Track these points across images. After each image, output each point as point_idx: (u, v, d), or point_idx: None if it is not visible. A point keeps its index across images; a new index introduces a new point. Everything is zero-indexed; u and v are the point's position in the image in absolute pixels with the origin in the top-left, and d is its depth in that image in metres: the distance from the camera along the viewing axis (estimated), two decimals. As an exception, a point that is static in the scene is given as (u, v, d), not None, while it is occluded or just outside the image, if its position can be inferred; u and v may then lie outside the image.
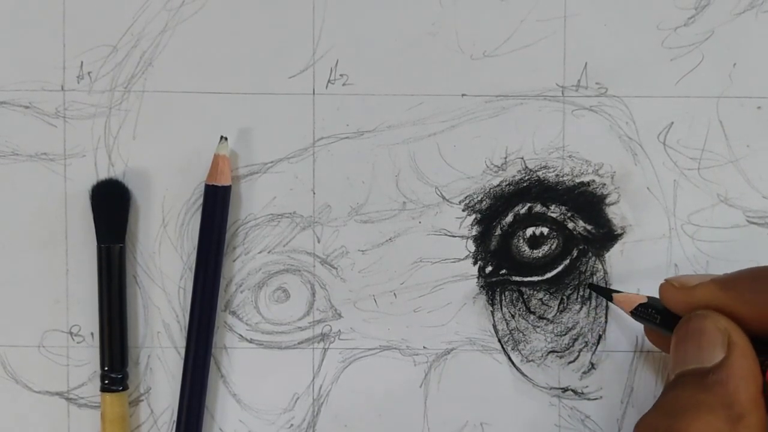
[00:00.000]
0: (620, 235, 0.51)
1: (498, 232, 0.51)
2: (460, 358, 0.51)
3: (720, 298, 0.43)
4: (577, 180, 0.51)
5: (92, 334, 0.51)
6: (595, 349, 0.51)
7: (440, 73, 0.51)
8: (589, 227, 0.51)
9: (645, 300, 0.47)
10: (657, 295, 0.46)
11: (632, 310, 0.47)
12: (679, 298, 0.44)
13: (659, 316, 0.46)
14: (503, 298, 0.51)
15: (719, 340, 0.42)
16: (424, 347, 0.51)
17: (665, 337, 0.46)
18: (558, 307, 0.51)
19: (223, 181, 0.49)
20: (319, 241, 0.51)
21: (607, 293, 0.49)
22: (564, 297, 0.51)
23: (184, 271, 0.51)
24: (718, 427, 0.40)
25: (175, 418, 0.51)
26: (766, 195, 0.50)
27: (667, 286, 0.45)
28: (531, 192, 0.51)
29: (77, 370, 0.51)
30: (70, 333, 0.51)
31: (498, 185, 0.51)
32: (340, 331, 0.51)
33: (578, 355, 0.51)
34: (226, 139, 0.50)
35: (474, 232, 0.51)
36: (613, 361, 0.51)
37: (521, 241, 0.51)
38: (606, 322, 0.51)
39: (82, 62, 0.50)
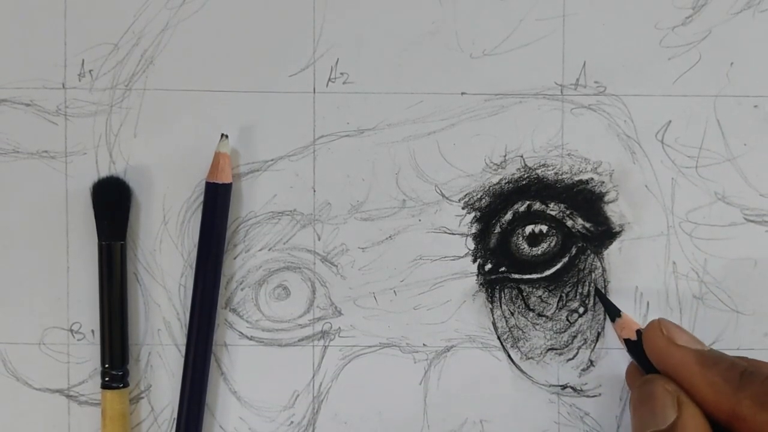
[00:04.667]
0: (619, 232, 0.51)
1: (497, 229, 0.51)
2: (459, 355, 0.51)
3: (692, 371, 0.44)
4: (576, 178, 0.51)
5: (93, 331, 0.51)
6: (594, 346, 0.51)
7: (440, 71, 0.51)
8: (587, 225, 0.51)
9: (635, 337, 0.48)
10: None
11: (626, 339, 0.49)
12: (659, 348, 0.46)
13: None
14: (502, 295, 0.51)
15: (669, 401, 0.44)
16: (423, 345, 0.51)
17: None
18: (557, 305, 0.51)
19: (224, 178, 0.50)
20: (319, 239, 0.51)
21: (612, 310, 0.50)
22: (563, 294, 0.51)
23: (184, 268, 0.51)
24: None
25: (175, 415, 0.51)
26: (764, 193, 0.51)
27: (655, 328, 0.46)
28: (530, 190, 0.51)
29: (78, 367, 0.51)
30: (71, 330, 0.51)
31: (497, 183, 0.51)
32: (340, 328, 0.51)
33: (577, 353, 0.51)
34: (226, 136, 0.50)
35: (473, 230, 0.51)
36: (611, 359, 0.51)
37: (520, 238, 0.51)
38: (605, 319, 0.51)
39: (83, 60, 0.51)
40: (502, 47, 0.51)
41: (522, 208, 0.51)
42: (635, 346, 0.48)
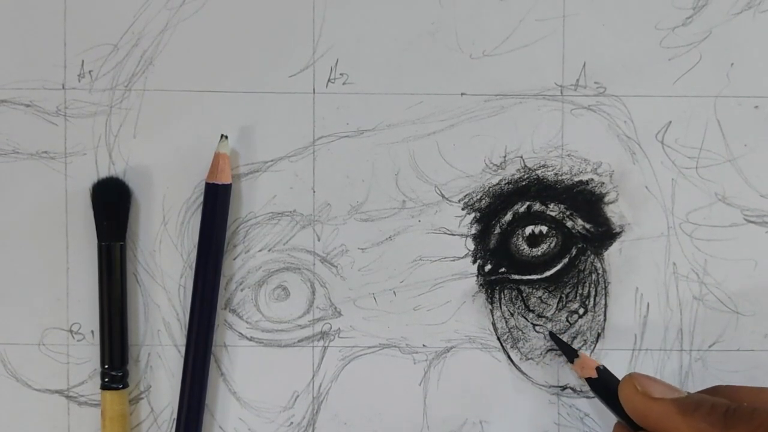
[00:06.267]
0: (619, 233, 0.51)
1: (497, 230, 0.51)
2: (459, 356, 0.51)
3: (675, 421, 0.44)
4: (576, 179, 0.51)
5: (92, 331, 0.51)
6: (594, 347, 0.51)
7: (440, 72, 0.51)
8: (587, 226, 0.51)
9: (595, 375, 0.48)
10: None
11: (587, 378, 0.48)
12: (636, 405, 0.45)
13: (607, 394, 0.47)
14: (502, 296, 0.51)
15: None
16: (423, 345, 0.51)
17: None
18: (557, 306, 0.51)
19: (224, 179, 0.50)
20: (319, 240, 0.51)
21: (570, 352, 0.50)
22: (563, 295, 0.51)
23: (184, 269, 0.51)
24: None
25: (175, 416, 0.51)
26: (764, 193, 0.51)
27: (629, 385, 0.46)
28: (530, 190, 0.51)
29: (77, 367, 0.51)
30: (71, 331, 0.51)
31: (497, 184, 0.51)
32: (339, 329, 0.51)
33: (577, 353, 0.51)
34: (226, 137, 0.50)
35: (473, 231, 0.51)
36: (611, 359, 0.51)
37: (520, 239, 0.51)
38: (605, 320, 0.51)
39: (83, 61, 0.51)
40: (502, 48, 0.51)
41: (522, 209, 0.51)
42: (597, 385, 0.48)
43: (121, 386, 0.50)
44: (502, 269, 0.51)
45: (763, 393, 0.46)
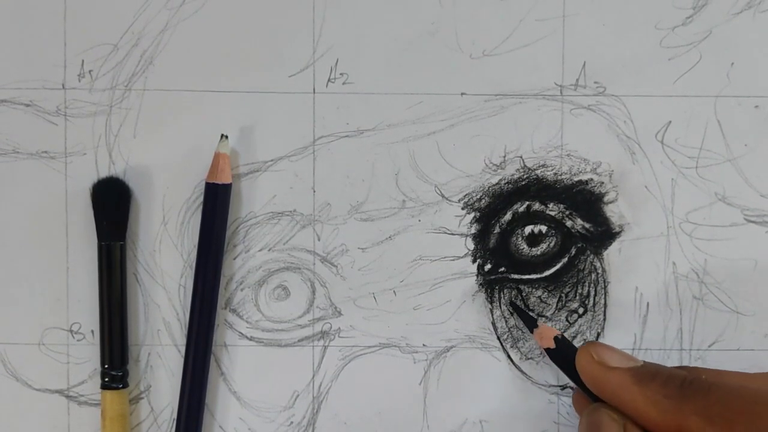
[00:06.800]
0: (618, 233, 0.51)
1: (497, 230, 0.51)
2: (459, 355, 0.51)
3: (631, 391, 0.43)
4: (576, 178, 0.51)
5: (92, 331, 0.51)
6: (594, 346, 0.51)
7: (440, 72, 0.51)
8: (587, 225, 0.51)
9: (553, 346, 0.48)
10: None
11: (546, 348, 0.48)
12: (593, 374, 0.45)
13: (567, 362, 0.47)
14: (502, 295, 0.51)
15: (615, 430, 0.43)
16: (423, 345, 0.51)
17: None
18: (556, 305, 0.51)
19: (224, 179, 0.50)
20: (319, 239, 0.51)
21: (530, 321, 0.50)
22: (562, 295, 0.51)
23: (184, 268, 0.51)
24: None
25: (175, 415, 0.51)
26: (764, 193, 0.51)
27: (586, 354, 0.45)
28: (530, 190, 0.51)
29: (77, 367, 0.51)
30: (71, 330, 0.51)
31: (497, 183, 0.51)
32: (339, 328, 0.51)
33: (577, 353, 0.51)
34: (226, 137, 0.50)
35: (473, 230, 0.51)
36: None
37: (520, 239, 0.51)
38: (604, 320, 0.51)
39: (83, 60, 0.51)
40: (502, 47, 0.51)
41: (521, 209, 0.51)
42: (556, 354, 0.48)
43: (121, 386, 0.50)
44: (502, 269, 0.51)
45: (725, 375, 0.45)
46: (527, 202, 0.51)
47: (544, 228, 0.51)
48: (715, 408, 0.41)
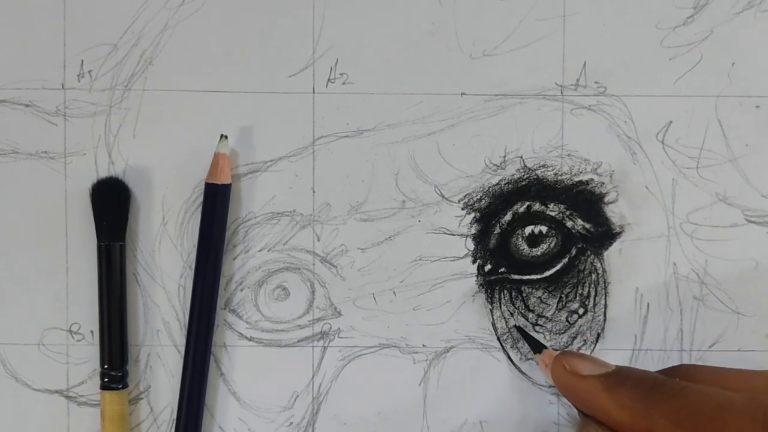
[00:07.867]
0: (619, 233, 0.51)
1: (497, 230, 0.51)
2: (459, 356, 0.51)
3: (601, 398, 0.43)
4: (576, 179, 0.51)
5: (92, 332, 0.51)
6: (594, 347, 0.51)
7: (440, 72, 0.51)
8: (587, 226, 0.51)
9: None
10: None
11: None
12: (565, 384, 0.45)
13: None
14: (502, 296, 0.51)
15: None
16: (423, 345, 0.51)
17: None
18: (557, 306, 0.51)
19: (223, 179, 0.49)
20: (318, 240, 0.51)
21: (536, 345, 0.50)
22: (563, 295, 0.51)
23: (184, 269, 0.51)
24: None
25: (174, 416, 0.51)
26: (765, 194, 0.51)
27: (558, 365, 0.46)
28: (530, 190, 0.51)
29: (77, 368, 0.51)
30: (70, 331, 0.51)
31: (497, 184, 0.51)
32: (339, 329, 0.51)
33: (577, 354, 0.51)
34: (226, 137, 0.50)
35: (473, 231, 0.51)
36: (611, 360, 0.51)
37: (520, 239, 0.51)
38: (605, 320, 0.51)
39: (82, 61, 0.51)
40: (502, 47, 0.51)
41: (522, 209, 0.51)
42: None
43: (120, 386, 0.50)
44: (502, 269, 0.51)
45: (724, 373, 0.45)
46: (527, 203, 0.51)
47: (544, 228, 0.51)
48: (683, 412, 0.41)
